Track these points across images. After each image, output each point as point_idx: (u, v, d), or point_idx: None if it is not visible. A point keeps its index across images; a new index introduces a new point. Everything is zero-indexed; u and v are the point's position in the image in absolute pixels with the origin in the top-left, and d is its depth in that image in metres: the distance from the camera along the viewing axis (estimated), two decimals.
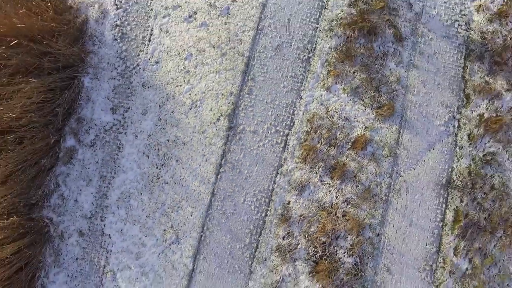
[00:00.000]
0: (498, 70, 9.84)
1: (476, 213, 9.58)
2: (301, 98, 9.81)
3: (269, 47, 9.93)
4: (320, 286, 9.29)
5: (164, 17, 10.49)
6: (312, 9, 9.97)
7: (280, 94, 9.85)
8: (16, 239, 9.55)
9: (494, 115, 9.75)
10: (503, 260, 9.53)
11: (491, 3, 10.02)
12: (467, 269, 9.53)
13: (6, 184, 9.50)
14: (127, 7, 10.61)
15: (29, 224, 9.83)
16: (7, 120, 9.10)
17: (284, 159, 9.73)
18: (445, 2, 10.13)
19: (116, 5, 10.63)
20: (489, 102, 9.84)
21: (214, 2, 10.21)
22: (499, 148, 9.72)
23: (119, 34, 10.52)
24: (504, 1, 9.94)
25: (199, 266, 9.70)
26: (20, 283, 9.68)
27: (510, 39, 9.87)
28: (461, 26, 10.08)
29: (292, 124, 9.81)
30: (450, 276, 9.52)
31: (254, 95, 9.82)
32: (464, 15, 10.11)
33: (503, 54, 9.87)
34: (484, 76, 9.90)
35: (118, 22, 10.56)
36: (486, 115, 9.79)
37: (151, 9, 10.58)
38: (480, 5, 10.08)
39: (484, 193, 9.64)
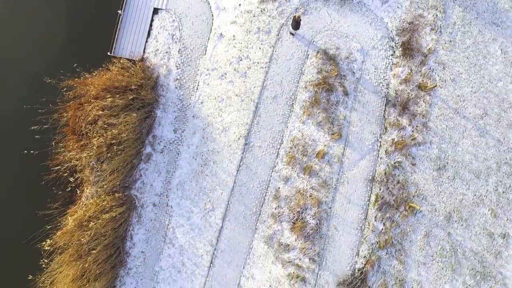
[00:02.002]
0: (404, 113, 16.67)
1: (388, 196, 16.35)
2: (287, 127, 16.64)
3: (269, 97, 16.77)
4: (296, 236, 16.03)
5: (206, 75, 17.28)
6: (295, 74, 16.83)
7: (275, 125, 16.67)
8: (119, 206, 16.26)
9: (400, 139, 16.56)
10: (403, 224, 16.28)
11: (401, 73, 16.88)
12: (382, 229, 16.27)
13: (114, 174, 16.24)
14: (183, 68, 17.40)
15: (125, 198, 16.56)
16: (119, 137, 15.86)
17: (277, 163, 16.53)
18: (374, 71, 16.98)
19: (177, 66, 17.43)
20: (398, 131, 16.66)
21: (237, 68, 17.04)
22: (403, 159, 16.52)
23: (178, 84, 17.32)
24: (408, 73, 16.79)
25: (225, 225, 16.42)
26: (120, 232, 16.38)
27: (411, 95, 16.71)
28: (383, 86, 16.92)
29: (282, 142, 16.62)
30: (372, 232, 16.27)
31: (260, 125, 16.64)
32: (385, 79, 16.96)
33: (407, 103, 16.70)
34: (396, 116, 16.73)
35: (178, 77, 17.36)
36: (396, 139, 16.60)
37: (198, 70, 17.37)
38: (395, 74, 16.94)
39: (393, 185, 16.42)
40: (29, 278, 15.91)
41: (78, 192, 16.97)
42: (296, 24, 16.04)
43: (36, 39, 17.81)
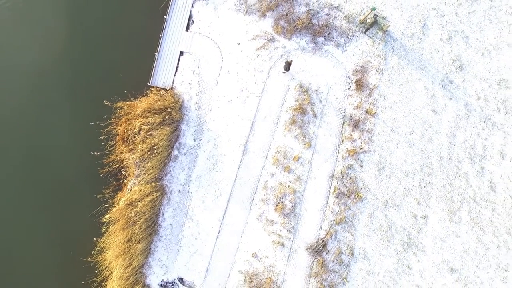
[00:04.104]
0: (355, 130, 23.77)
1: (343, 188, 23.40)
2: (273, 138, 23.74)
3: (261, 117, 23.90)
4: (278, 214, 23.06)
5: (217, 100, 24.38)
6: (280, 102, 23.95)
7: (265, 136, 23.77)
8: (155, 192, 23.31)
9: (352, 148, 23.65)
10: (353, 208, 23.30)
11: (354, 102, 23.95)
12: (338, 211, 23.29)
13: (152, 169, 23.29)
14: (201, 95, 24.49)
15: (159, 187, 23.63)
16: (156, 144, 22.95)
17: (265, 163, 23.61)
18: (335, 100, 24.08)
19: (196, 94, 24.52)
20: (351, 143, 23.75)
21: (239, 96, 24.14)
22: (354, 162, 23.59)
23: (197, 107, 24.41)
24: (359, 102, 23.87)
25: (229, 206, 23.44)
26: (155, 210, 23.40)
27: (361, 117, 23.80)
28: (342, 110, 24.03)
29: (269, 149, 23.71)
30: (331, 213, 23.28)
31: (254, 136, 23.75)
32: (343, 106, 24.07)
33: (358, 123, 23.78)
34: (350, 132, 23.83)
35: (197, 101, 24.44)
36: (349, 148, 23.68)
37: (212, 96, 24.45)
38: (350, 102, 24.03)
39: (347, 180, 23.48)
40: (93, 240, 23.03)
41: (125, 182, 24.05)
42: (288, 66, 23.23)
43: (97, 74, 24.95)
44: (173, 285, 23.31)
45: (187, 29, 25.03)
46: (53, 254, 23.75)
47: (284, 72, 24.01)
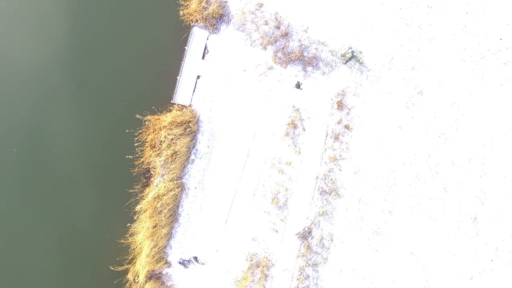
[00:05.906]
0: (336, 141, 29.85)
1: (325, 187, 29.48)
2: (271, 147, 29.85)
3: (261, 129, 30.02)
4: (273, 207, 29.14)
5: (226, 115, 30.50)
6: (276, 117, 30.08)
7: (264, 145, 29.89)
8: (176, 188, 29.42)
9: (333, 156, 29.75)
10: (333, 203, 29.38)
11: (336, 119, 30.07)
12: (321, 205, 29.36)
13: (174, 170, 29.41)
14: (214, 111, 30.61)
15: (179, 184, 29.75)
16: (179, 150, 29.08)
17: (264, 166, 29.70)
18: (321, 117, 30.20)
19: (210, 110, 30.64)
20: (332, 151, 29.85)
21: (244, 112, 30.27)
22: (334, 166, 29.68)
23: (211, 120, 30.52)
24: (339, 119, 29.98)
25: (235, 200, 29.52)
26: (176, 202, 29.50)
27: (341, 131, 29.90)
28: (325, 125, 30.14)
29: (267, 155, 29.81)
30: (315, 207, 29.34)
31: (256, 144, 29.87)
32: (327, 122, 30.17)
33: (338, 136, 29.89)
34: (332, 143, 29.92)
35: (210, 116, 30.56)
36: (331, 156, 29.77)
37: (222, 112, 30.57)
38: (332, 119, 30.15)
39: (329, 180, 29.56)
40: (127, 225, 29.15)
41: (152, 180, 30.18)
42: (299, 85, 29.42)
43: (131, 93, 31.15)
44: (189, 262, 29.36)
45: (203, 57, 31.17)
46: (95, 236, 29.83)
47: (296, 88, 30.04)
